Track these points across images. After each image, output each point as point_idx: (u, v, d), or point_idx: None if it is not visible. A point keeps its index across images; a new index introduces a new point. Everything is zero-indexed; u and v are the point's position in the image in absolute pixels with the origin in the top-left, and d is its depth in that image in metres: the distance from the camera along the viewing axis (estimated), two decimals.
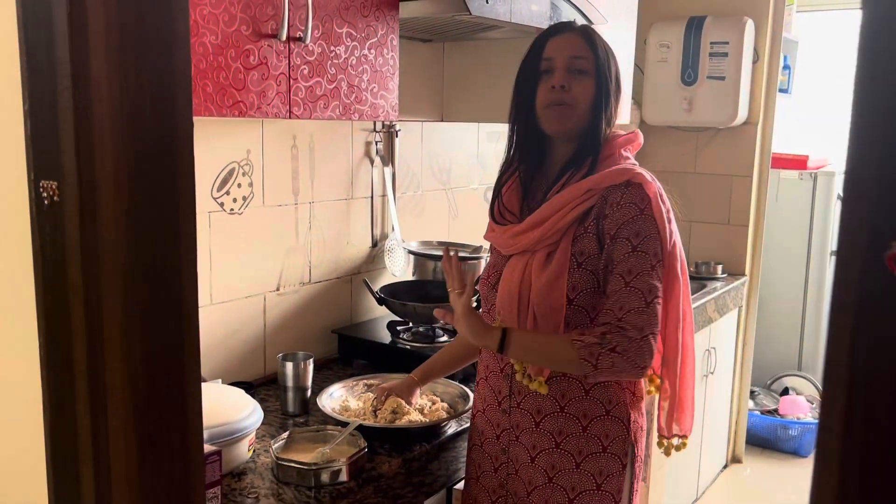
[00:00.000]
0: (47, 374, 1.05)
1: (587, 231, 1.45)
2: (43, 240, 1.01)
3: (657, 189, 1.44)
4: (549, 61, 1.49)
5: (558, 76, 1.47)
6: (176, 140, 1.04)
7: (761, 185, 3.50)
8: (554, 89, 1.47)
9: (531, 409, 1.51)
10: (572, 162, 1.50)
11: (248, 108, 1.45)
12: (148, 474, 1.06)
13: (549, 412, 1.49)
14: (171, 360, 1.07)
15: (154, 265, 1.03)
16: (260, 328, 2.00)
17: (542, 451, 1.50)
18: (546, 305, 1.44)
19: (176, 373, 1.08)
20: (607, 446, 1.49)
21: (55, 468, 1.06)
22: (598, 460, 1.49)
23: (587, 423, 1.48)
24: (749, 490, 3.53)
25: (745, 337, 3.62)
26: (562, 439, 1.49)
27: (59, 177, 0.97)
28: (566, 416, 1.48)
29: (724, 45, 3.23)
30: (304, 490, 1.42)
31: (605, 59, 1.49)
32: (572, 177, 1.48)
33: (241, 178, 1.88)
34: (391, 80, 1.77)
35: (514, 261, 1.52)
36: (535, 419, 1.50)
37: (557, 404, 1.49)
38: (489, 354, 1.59)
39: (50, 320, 1.03)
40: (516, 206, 1.56)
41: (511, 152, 1.59)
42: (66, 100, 0.95)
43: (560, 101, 1.47)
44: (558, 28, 1.54)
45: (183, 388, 1.09)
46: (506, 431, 1.55)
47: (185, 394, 1.10)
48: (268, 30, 1.47)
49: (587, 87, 1.47)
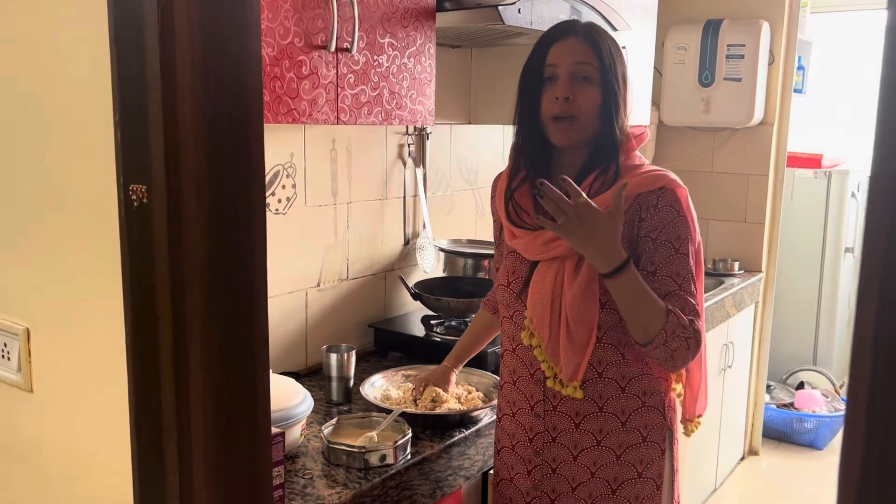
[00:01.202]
0: (132, 362, 1.15)
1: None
2: (131, 238, 1.11)
3: (686, 192, 1.48)
4: (553, 68, 1.45)
5: (562, 86, 1.44)
6: (248, 147, 1.14)
7: (777, 184, 3.58)
8: (558, 100, 1.44)
9: (569, 411, 1.52)
10: (589, 168, 1.49)
11: (301, 115, 1.55)
12: (224, 453, 1.16)
13: (588, 413, 1.51)
14: (244, 347, 1.17)
15: (230, 261, 1.13)
16: (302, 322, 2.10)
17: (584, 449, 1.52)
18: (579, 312, 1.44)
19: (248, 359, 1.18)
20: (646, 436, 1.52)
21: (140, 446, 1.16)
22: (638, 450, 1.52)
23: (626, 419, 1.51)
24: (766, 482, 3.62)
25: (762, 332, 3.70)
26: (602, 437, 1.51)
27: (148, 181, 1.07)
28: (605, 415, 1.50)
29: (740, 48, 3.32)
30: (353, 471, 1.52)
31: (611, 62, 1.45)
32: (599, 180, 1.47)
33: (285, 180, 1.98)
34: (428, 87, 1.87)
35: (543, 268, 1.49)
36: (575, 421, 1.52)
37: (596, 405, 1.50)
38: (515, 359, 1.58)
39: (136, 312, 1.13)
40: (531, 210, 1.53)
41: (517, 159, 1.56)
42: (156, 111, 1.05)
43: (565, 114, 1.44)
44: (562, 31, 1.48)
45: (254, 373, 1.20)
46: (539, 434, 1.55)
47: (256, 378, 1.20)
48: (318, 41, 1.57)
49: (592, 94, 1.44)
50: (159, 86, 1.03)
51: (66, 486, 1.27)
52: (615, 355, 1.49)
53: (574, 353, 1.46)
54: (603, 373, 1.49)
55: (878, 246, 0.59)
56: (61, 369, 1.24)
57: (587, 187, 1.46)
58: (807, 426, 3.86)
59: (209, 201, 1.09)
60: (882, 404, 0.58)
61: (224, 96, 1.09)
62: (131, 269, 1.13)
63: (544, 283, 1.48)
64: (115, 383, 1.16)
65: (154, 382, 1.12)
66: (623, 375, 1.50)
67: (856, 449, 0.61)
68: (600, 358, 1.48)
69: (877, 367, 0.59)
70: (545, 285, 1.47)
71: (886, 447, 0.60)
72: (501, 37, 2.22)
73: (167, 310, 1.09)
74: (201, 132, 1.08)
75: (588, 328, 1.45)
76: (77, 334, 1.21)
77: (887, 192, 0.59)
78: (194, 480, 1.13)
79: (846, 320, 4.38)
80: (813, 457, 3.82)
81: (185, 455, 1.12)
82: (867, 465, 0.58)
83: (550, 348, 1.48)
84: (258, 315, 1.19)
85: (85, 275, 1.18)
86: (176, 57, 1.04)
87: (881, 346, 0.59)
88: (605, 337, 1.48)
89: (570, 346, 1.46)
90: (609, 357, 1.49)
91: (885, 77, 0.60)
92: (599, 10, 2.19)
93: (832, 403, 3.96)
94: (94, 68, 1.09)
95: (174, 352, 1.09)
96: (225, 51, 1.09)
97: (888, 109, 0.59)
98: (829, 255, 4.11)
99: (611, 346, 1.48)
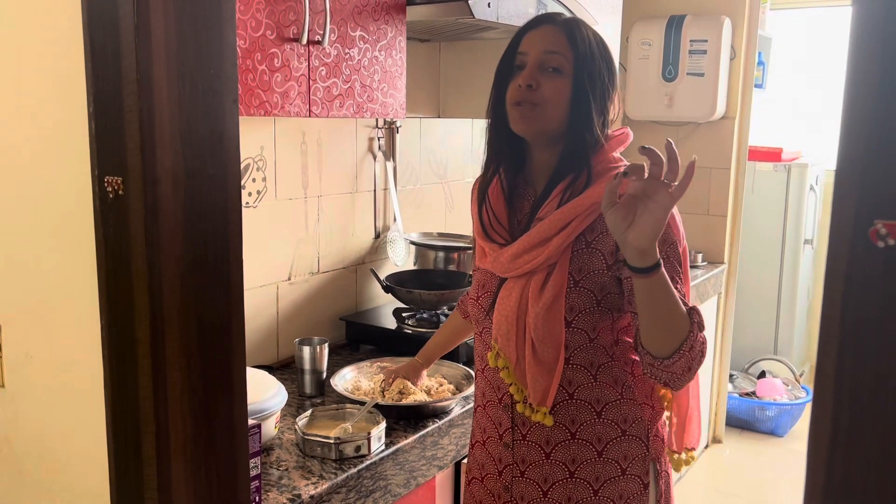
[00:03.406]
0: (108, 354, 1.14)
1: (590, 246, 1.34)
2: (106, 230, 1.11)
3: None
4: (523, 56, 1.37)
5: (527, 73, 1.34)
6: (224, 139, 1.15)
7: (738, 177, 3.65)
8: (520, 88, 1.34)
9: (539, 440, 1.39)
10: (561, 171, 1.38)
11: (273, 107, 1.56)
12: (201, 443, 1.17)
13: (560, 441, 1.38)
14: (221, 339, 1.17)
15: (206, 253, 1.13)
16: (273, 316, 2.10)
17: (555, 482, 1.39)
18: (544, 331, 1.33)
19: (225, 350, 1.19)
20: (626, 468, 1.38)
21: (117, 438, 1.16)
22: (616, 484, 1.38)
23: (602, 448, 1.37)
24: (729, 468, 3.70)
25: (725, 322, 3.78)
26: (575, 468, 1.38)
27: (124, 173, 1.07)
28: (579, 443, 1.37)
29: (702, 43, 3.38)
30: (328, 462, 1.53)
31: (588, 55, 1.34)
32: (570, 188, 1.36)
33: (255, 174, 1.98)
34: (399, 80, 1.88)
35: (510, 284, 1.38)
36: (545, 451, 1.39)
37: (568, 431, 1.37)
38: (484, 381, 1.47)
39: (112, 304, 1.12)
40: (505, 219, 1.43)
41: (489, 155, 1.47)
42: (131, 102, 1.05)
43: (525, 100, 1.34)
44: (539, 20, 1.40)
45: (230, 365, 1.20)
46: (508, 467, 1.43)
47: (233, 370, 1.20)
48: (290, 34, 1.57)
49: (560, 86, 1.34)
50: (135, 77, 1.03)
51: (41, 479, 1.26)
52: (586, 377, 1.36)
53: (542, 374, 1.34)
54: (574, 394, 1.36)
55: (845, 229, 0.62)
56: (34, 363, 1.24)
57: (559, 195, 1.36)
58: (768, 414, 3.95)
59: (185, 193, 1.09)
60: (849, 379, 0.61)
61: (200, 86, 1.10)
62: (107, 261, 1.12)
63: (509, 300, 1.37)
64: (90, 376, 1.16)
65: (131, 374, 1.12)
66: (597, 399, 1.37)
67: (824, 420, 0.64)
68: (570, 379, 1.36)
69: (843, 344, 0.62)
70: (510, 303, 1.37)
71: (853, 419, 0.63)
72: (470, 31, 2.24)
73: (144, 302, 1.08)
74: (177, 124, 1.08)
75: (555, 348, 1.33)
76: (51, 328, 1.20)
77: (853, 181, 0.62)
78: (172, 471, 1.13)
79: (806, 310, 4.49)
80: (774, 443, 3.91)
81: (162, 446, 1.12)
82: (835, 438, 0.61)
83: (518, 370, 1.37)
84: (234, 307, 1.19)
85: (59, 268, 1.18)
86: (152, 48, 1.04)
87: (847, 325, 0.63)
88: (573, 357, 1.36)
89: (538, 367, 1.34)
90: (579, 379, 1.36)
91: (851, 74, 0.63)
92: (565, 3, 2.22)
93: (793, 392, 4.06)
94: (68, 60, 1.09)
95: (152, 344, 1.09)
96: (201, 42, 1.09)
97: (854, 105, 0.62)
98: (788, 247, 4.21)
99: (581, 368, 1.36)
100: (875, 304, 0.62)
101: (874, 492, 0.58)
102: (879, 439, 0.58)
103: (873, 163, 0.60)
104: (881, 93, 0.61)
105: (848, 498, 0.58)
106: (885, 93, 0.61)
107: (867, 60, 0.62)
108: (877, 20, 0.61)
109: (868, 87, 0.62)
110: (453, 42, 2.57)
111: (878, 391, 0.62)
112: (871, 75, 0.61)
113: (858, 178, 0.60)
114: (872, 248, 0.61)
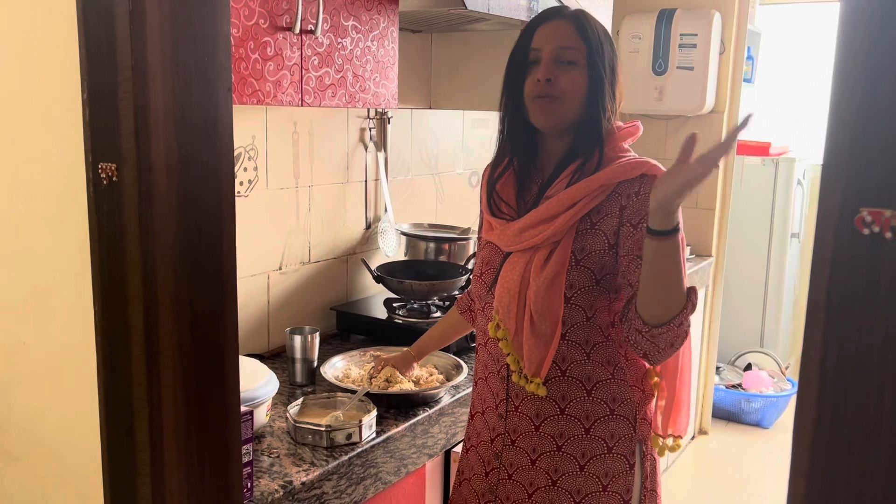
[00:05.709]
0: (101, 340, 1.15)
1: (594, 227, 1.40)
2: (100, 216, 1.11)
3: None
4: (537, 52, 1.42)
5: (544, 68, 1.40)
6: (218, 126, 1.15)
7: (727, 171, 3.68)
8: (539, 83, 1.40)
9: (530, 412, 1.45)
10: (572, 155, 1.43)
11: (266, 96, 1.56)
12: (194, 429, 1.17)
13: (549, 415, 1.44)
14: (214, 325, 1.18)
15: (199, 240, 1.14)
16: (264, 305, 2.10)
17: (542, 453, 1.45)
18: (544, 304, 1.38)
19: (218, 337, 1.19)
20: (612, 447, 1.44)
21: (110, 424, 1.16)
22: (602, 461, 1.43)
23: (590, 426, 1.43)
24: (715, 460, 3.73)
25: (712, 315, 3.81)
26: (563, 442, 1.44)
27: (118, 159, 1.07)
28: (567, 419, 1.43)
29: (692, 37, 3.39)
30: (320, 450, 1.54)
31: (598, 47, 1.41)
32: (580, 170, 1.41)
33: (246, 163, 1.98)
34: (391, 70, 1.88)
35: (514, 258, 1.44)
36: (535, 423, 1.45)
37: (557, 406, 1.43)
38: (486, 354, 1.53)
39: (106, 291, 1.13)
40: (513, 199, 1.49)
41: (502, 146, 1.52)
42: (126, 89, 1.05)
43: (545, 94, 1.40)
44: (548, 14, 1.45)
45: (223, 351, 1.21)
46: (500, 436, 1.50)
47: (226, 356, 1.21)
48: (283, 23, 1.57)
49: (577, 78, 1.40)
50: (130, 64, 1.04)
51: (34, 465, 1.26)
52: (580, 354, 1.42)
53: (539, 346, 1.40)
54: (566, 371, 1.42)
55: (832, 217, 0.64)
56: (28, 350, 1.24)
57: (568, 176, 1.42)
58: (754, 406, 3.99)
59: (178, 180, 1.10)
60: (833, 362, 0.63)
61: (194, 73, 1.10)
62: (100, 247, 1.13)
63: (513, 273, 1.43)
64: (84, 362, 1.16)
65: (125, 360, 1.12)
66: (589, 377, 1.42)
67: (809, 402, 0.66)
68: (564, 355, 1.42)
69: (828, 328, 0.64)
70: (513, 276, 1.42)
71: (836, 400, 0.65)
72: (462, 22, 2.25)
73: (137, 288, 1.09)
74: (171, 111, 1.08)
75: (552, 322, 1.39)
76: (44, 315, 1.21)
77: (840, 170, 0.64)
78: (164, 457, 1.14)
79: (792, 304, 4.53)
80: (760, 435, 3.95)
81: (156, 432, 1.13)
82: (819, 419, 0.63)
83: (516, 341, 1.43)
84: (228, 294, 1.20)
85: (53, 254, 1.18)
86: (146, 36, 1.04)
87: (832, 310, 0.64)
88: (569, 333, 1.41)
89: (536, 339, 1.40)
90: (573, 355, 1.42)
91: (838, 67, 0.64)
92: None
93: (778, 384, 4.10)
94: (63, 47, 1.09)
95: (145, 330, 1.10)
96: (195, 30, 1.09)
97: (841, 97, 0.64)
98: (776, 241, 4.24)
99: (576, 344, 1.42)
100: (860, 290, 0.63)
101: (857, 471, 0.59)
102: (862, 420, 0.60)
103: (859, 153, 0.62)
104: (867, 85, 0.63)
105: (832, 476, 0.60)
106: (871, 85, 0.63)
107: (854, 55, 0.63)
108: (864, 16, 0.63)
109: (855, 79, 0.63)
110: (445, 33, 2.57)
111: (862, 374, 0.64)
112: (858, 68, 0.63)
113: (845, 167, 0.62)
114: (858, 235, 0.62)
